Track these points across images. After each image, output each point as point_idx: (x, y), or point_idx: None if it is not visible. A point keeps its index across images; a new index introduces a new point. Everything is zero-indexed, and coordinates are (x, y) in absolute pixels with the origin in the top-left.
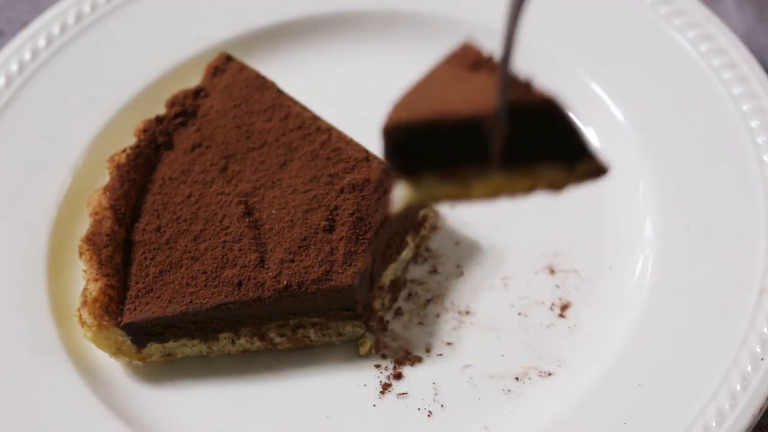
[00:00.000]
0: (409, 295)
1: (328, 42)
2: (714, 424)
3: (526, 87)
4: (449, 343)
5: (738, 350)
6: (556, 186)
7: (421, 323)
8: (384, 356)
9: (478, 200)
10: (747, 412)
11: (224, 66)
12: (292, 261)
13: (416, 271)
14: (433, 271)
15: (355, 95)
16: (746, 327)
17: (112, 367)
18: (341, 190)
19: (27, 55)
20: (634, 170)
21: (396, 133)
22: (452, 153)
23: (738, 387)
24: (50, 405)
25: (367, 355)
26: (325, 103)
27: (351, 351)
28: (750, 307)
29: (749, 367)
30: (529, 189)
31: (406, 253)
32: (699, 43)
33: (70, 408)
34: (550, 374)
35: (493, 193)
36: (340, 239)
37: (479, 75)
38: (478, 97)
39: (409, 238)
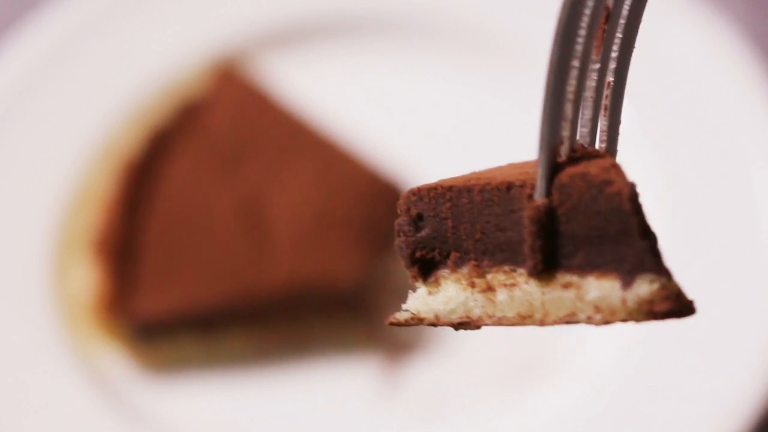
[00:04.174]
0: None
1: (334, 46)
2: (718, 424)
3: (592, 159)
4: (449, 343)
5: (744, 348)
6: (606, 313)
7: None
8: (383, 355)
9: (502, 322)
10: (752, 413)
11: (229, 72)
12: (297, 260)
13: None
14: None
15: (361, 101)
16: (751, 327)
17: (113, 366)
18: (345, 194)
19: (28, 56)
20: (641, 170)
21: (417, 201)
22: (482, 244)
23: (743, 387)
24: (50, 404)
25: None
26: (330, 109)
27: (351, 350)
28: (755, 306)
29: (756, 366)
30: (569, 315)
31: None
32: (704, 40)
33: (71, 407)
34: (550, 374)
35: (522, 315)
36: (344, 239)
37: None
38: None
39: None
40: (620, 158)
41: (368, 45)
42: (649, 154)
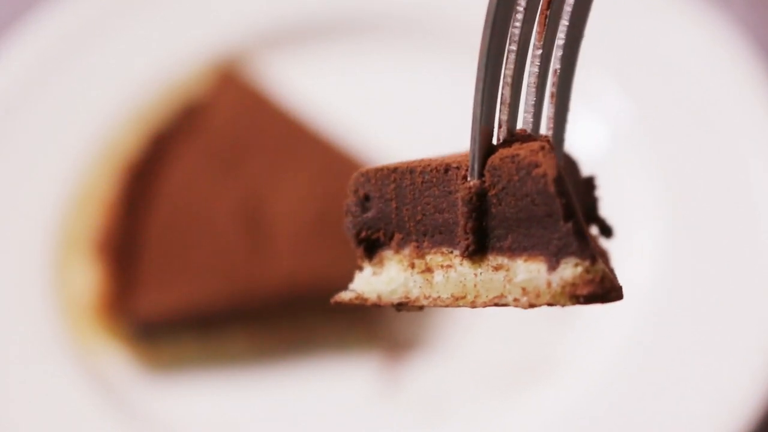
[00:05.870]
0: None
1: (333, 46)
2: (719, 423)
3: (526, 142)
4: (449, 343)
5: (744, 348)
6: (531, 296)
7: (421, 322)
8: (383, 355)
9: (437, 303)
10: (753, 412)
11: (229, 74)
12: (297, 260)
13: None
14: None
15: (361, 101)
16: (751, 327)
17: (113, 366)
18: (344, 194)
19: (28, 56)
20: (641, 169)
21: (365, 183)
22: (422, 226)
23: (744, 386)
24: (51, 404)
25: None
26: (329, 109)
27: (351, 350)
28: (755, 306)
29: (756, 366)
30: (497, 297)
31: None
32: (704, 40)
33: (71, 407)
34: (550, 374)
35: (456, 296)
36: (343, 239)
37: None
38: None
39: None
40: (621, 158)
41: (368, 45)
42: (649, 154)
